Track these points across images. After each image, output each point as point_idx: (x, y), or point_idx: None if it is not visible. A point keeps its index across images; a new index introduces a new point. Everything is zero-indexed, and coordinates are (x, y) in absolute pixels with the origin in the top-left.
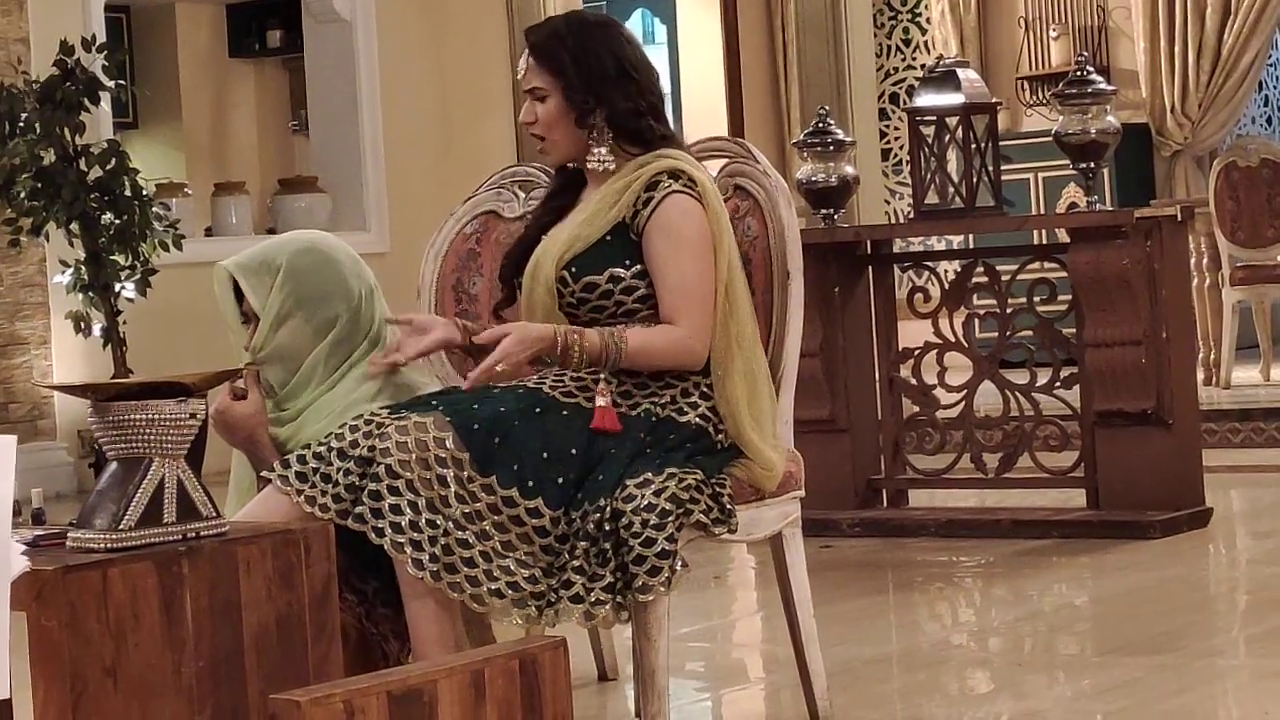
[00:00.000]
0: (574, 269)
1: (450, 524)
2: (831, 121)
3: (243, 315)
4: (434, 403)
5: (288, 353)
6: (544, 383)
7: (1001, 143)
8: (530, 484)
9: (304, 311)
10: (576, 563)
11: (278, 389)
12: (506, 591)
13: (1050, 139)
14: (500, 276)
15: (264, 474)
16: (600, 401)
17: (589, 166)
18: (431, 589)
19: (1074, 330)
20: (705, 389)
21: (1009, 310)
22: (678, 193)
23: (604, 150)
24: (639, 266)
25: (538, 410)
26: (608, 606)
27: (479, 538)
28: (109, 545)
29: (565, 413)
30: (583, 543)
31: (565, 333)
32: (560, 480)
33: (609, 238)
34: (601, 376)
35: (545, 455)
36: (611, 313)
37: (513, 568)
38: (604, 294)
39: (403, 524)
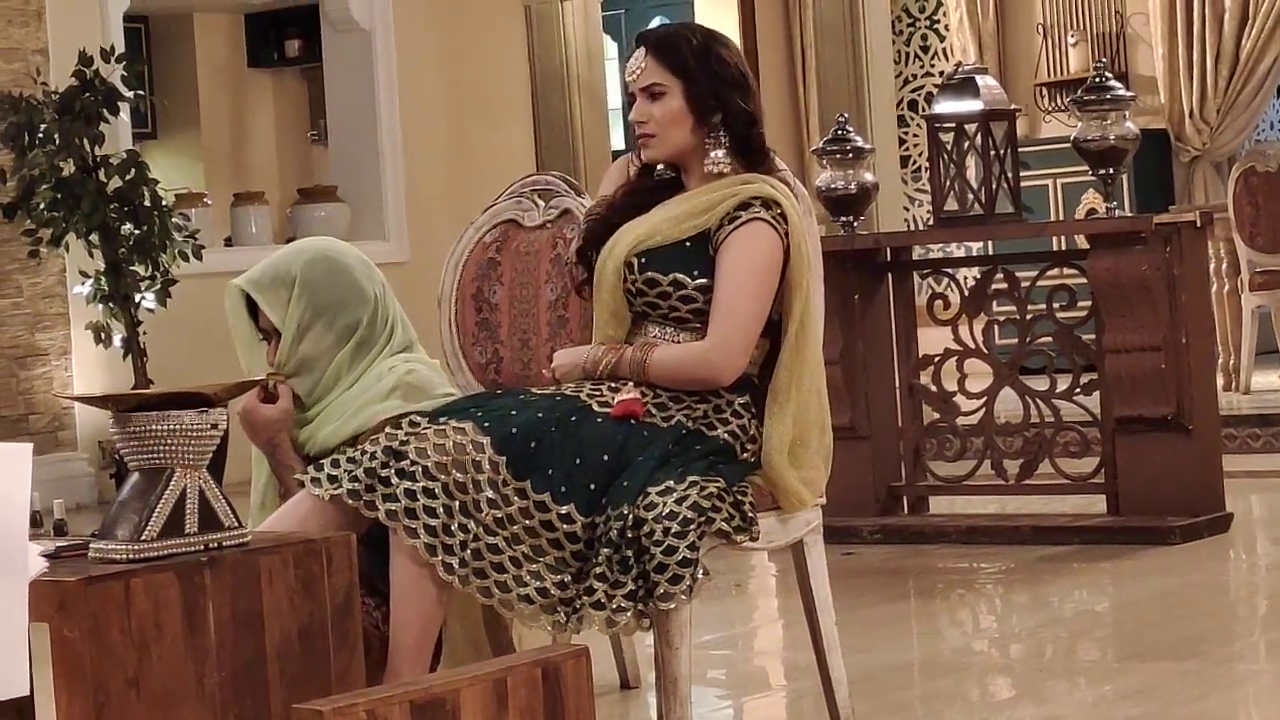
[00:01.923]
0: (644, 259)
1: (481, 529)
2: (850, 129)
3: (260, 332)
4: (472, 408)
5: (312, 362)
6: (580, 391)
7: (1020, 149)
8: (563, 490)
9: (324, 320)
10: (599, 569)
11: (304, 398)
12: (536, 598)
13: (1069, 145)
14: (577, 251)
15: (297, 477)
16: (626, 394)
17: (705, 168)
18: (420, 600)
19: (1094, 336)
20: (739, 408)
21: (1029, 316)
22: (763, 221)
23: (721, 153)
24: (705, 280)
25: (573, 418)
26: (629, 614)
27: (510, 542)
28: (131, 556)
29: (600, 420)
30: (606, 549)
31: (602, 352)
32: (591, 486)
33: (688, 243)
34: (630, 384)
35: (578, 461)
36: (664, 313)
37: (542, 573)
38: (662, 294)
39: (436, 527)
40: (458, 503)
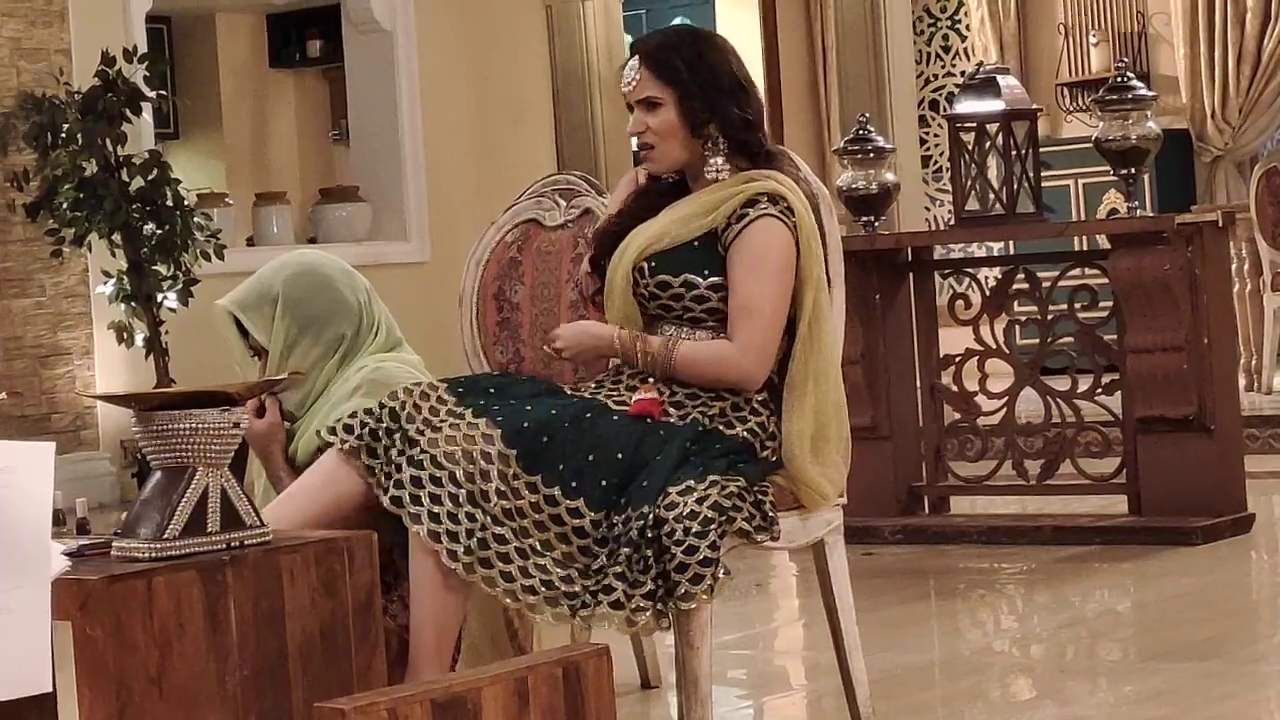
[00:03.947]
0: (654, 263)
1: (489, 519)
2: (871, 129)
3: (250, 349)
4: (486, 401)
5: (303, 375)
6: (599, 392)
7: (1042, 149)
8: (573, 484)
9: (310, 335)
10: (618, 569)
11: (295, 410)
12: (540, 589)
13: (1091, 145)
14: (590, 261)
15: (326, 439)
16: (644, 393)
17: (706, 175)
18: (441, 599)
19: (1115, 336)
20: (757, 405)
21: (1050, 317)
22: (771, 216)
23: (720, 160)
24: (716, 279)
25: (588, 415)
26: (649, 614)
27: (517, 534)
28: (153, 555)
29: (615, 418)
30: (625, 549)
31: (628, 335)
32: (604, 483)
33: (696, 243)
34: (650, 381)
35: (590, 458)
36: (678, 315)
37: (549, 566)
38: (674, 296)
39: (441, 514)
40: (464, 491)
